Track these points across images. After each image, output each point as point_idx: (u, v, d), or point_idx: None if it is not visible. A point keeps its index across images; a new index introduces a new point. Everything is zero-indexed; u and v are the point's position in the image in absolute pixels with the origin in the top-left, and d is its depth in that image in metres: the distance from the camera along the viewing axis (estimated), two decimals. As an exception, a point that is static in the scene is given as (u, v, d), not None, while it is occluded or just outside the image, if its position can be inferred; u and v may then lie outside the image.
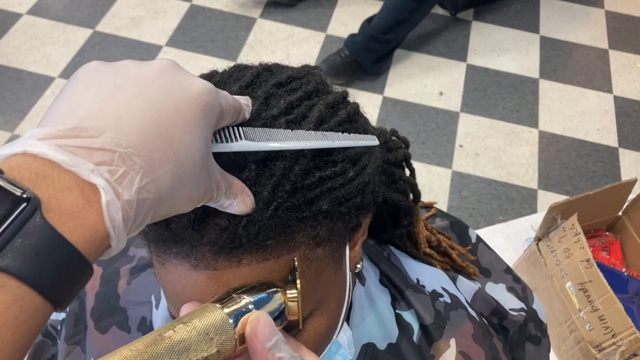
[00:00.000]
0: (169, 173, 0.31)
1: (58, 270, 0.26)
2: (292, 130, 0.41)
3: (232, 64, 0.48)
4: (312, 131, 0.42)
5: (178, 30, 2.40)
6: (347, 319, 0.57)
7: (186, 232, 0.40)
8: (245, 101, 0.40)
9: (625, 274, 1.45)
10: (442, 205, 1.93)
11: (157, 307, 0.62)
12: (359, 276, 0.60)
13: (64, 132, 0.28)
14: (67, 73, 2.21)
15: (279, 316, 0.40)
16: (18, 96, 2.12)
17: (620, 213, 1.56)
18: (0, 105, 2.09)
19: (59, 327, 0.68)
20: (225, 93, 0.37)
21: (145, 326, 0.62)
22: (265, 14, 2.51)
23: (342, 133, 0.44)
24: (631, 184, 1.44)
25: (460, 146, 2.12)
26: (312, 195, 0.41)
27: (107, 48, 2.31)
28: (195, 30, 2.41)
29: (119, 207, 0.28)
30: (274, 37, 2.42)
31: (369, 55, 2.21)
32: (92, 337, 0.63)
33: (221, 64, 2.26)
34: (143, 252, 0.68)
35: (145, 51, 2.31)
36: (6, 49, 2.26)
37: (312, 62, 2.31)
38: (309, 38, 2.44)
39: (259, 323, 0.36)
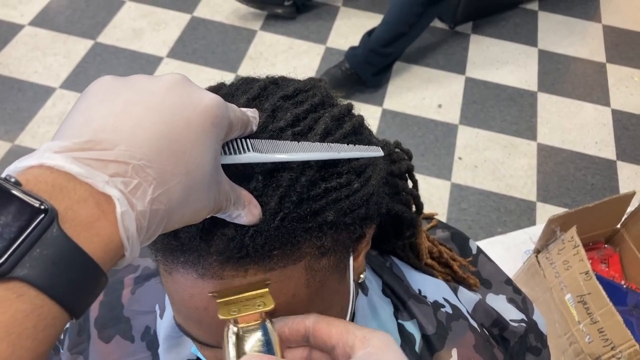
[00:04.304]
0: (180, 185, 0.31)
1: (74, 279, 0.27)
2: (298, 142, 0.42)
3: (232, 75, 0.49)
4: (318, 143, 0.43)
5: (179, 42, 2.42)
6: (350, 328, 0.58)
7: (194, 242, 0.40)
8: (252, 114, 0.41)
9: (624, 286, 1.46)
10: (441, 217, 1.94)
11: (161, 316, 0.62)
12: (361, 286, 0.60)
13: (79, 145, 0.29)
14: (68, 84, 2.22)
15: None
16: (19, 107, 2.13)
17: (618, 226, 1.57)
18: (1, 116, 2.09)
19: (62, 337, 0.68)
20: (233, 106, 0.38)
21: (149, 335, 0.63)
22: (265, 26, 2.53)
23: (348, 145, 0.45)
24: (629, 196, 1.45)
25: (459, 158, 2.13)
26: (318, 206, 0.42)
27: (108, 59, 2.33)
28: (196, 42, 2.43)
29: (132, 218, 0.29)
30: (274, 50, 2.44)
31: (369, 68, 2.23)
32: (95, 347, 0.64)
33: (222, 76, 2.27)
34: (147, 261, 0.68)
35: (146, 62, 2.33)
36: (8, 60, 2.28)
37: (312, 74, 2.32)
38: (309, 50, 2.46)
39: None
